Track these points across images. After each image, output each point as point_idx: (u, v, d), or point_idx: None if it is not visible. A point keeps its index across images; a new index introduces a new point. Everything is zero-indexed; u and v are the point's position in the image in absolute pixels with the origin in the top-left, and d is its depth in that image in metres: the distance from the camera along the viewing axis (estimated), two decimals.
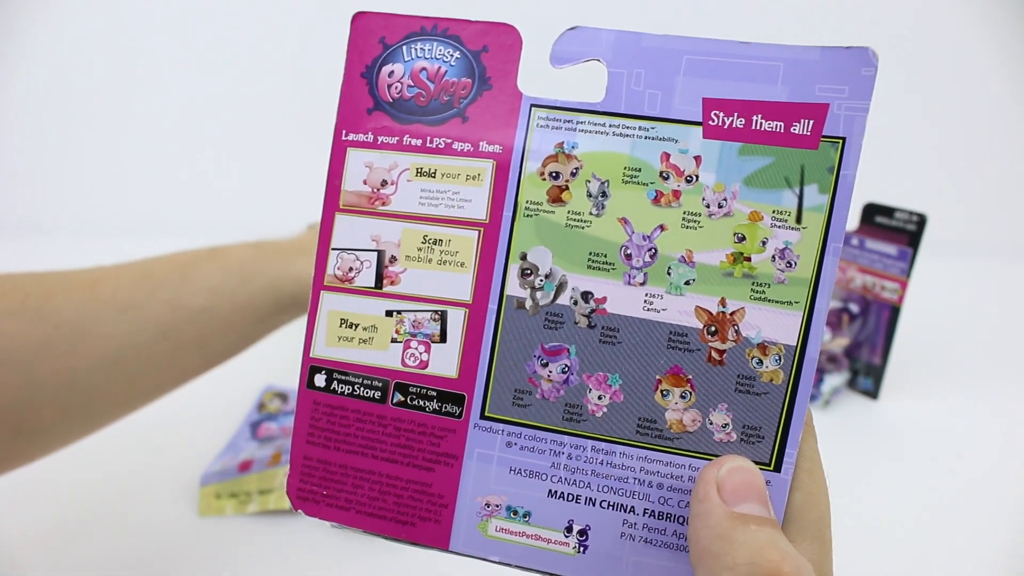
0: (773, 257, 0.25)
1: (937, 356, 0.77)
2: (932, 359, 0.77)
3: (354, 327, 0.27)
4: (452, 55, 0.27)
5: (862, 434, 0.67)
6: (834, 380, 0.71)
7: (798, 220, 0.25)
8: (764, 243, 0.26)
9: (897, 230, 0.66)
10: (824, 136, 0.25)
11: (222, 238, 0.82)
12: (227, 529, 0.51)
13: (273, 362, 0.61)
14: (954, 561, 0.51)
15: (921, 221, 0.64)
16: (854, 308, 0.71)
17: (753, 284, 0.26)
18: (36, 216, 1.03)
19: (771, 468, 0.25)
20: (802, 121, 0.25)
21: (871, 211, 0.67)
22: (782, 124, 0.25)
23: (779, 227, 0.25)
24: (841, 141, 0.25)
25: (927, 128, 1.03)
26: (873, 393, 0.71)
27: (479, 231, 0.27)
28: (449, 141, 0.27)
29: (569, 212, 0.26)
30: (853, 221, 0.69)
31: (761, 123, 0.26)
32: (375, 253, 0.27)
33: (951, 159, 1.04)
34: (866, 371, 0.71)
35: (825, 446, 0.57)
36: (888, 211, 0.66)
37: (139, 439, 0.55)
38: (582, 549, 0.27)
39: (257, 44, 1.01)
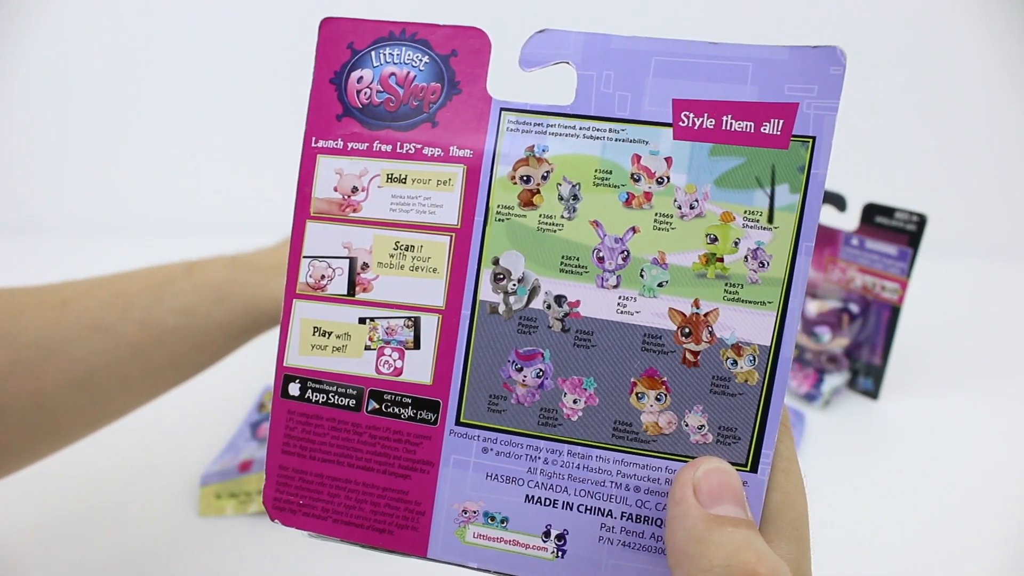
0: (746, 257, 0.26)
1: (937, 356, 0.77)
2: (932, 359, 0.77)
3: (327, 335, 0.27)
4: (421, 60, 0.27)
5: (862, 434, 0.67)
6: (834, 380, 0.70)
7: (770, 220, 0.26)
8: (736, 244, 0.26)
9: (897, 230, 0.66)
10: (794, 136, 0.26)
11: (220, 238, 0.82)
12: (227, 529, 0.52)
13: (273, 362, 0.60)
14: (955, 561, 0.51)
15: (921, 221, 0.64)
16: (854, 308, 0.71)
17: (726, 285, 0.25)
18: (36, 216, 1.03)
19: (747, 469, 0.25)
20: (772, 121, 0.26)
21: (871, 211, 0.67)
22: (752, 124, 0.26)
23: (751, 227, 0.25)
24: (811, 140, 0.26)
25: (927, 128, 1.03)
26: (873, 393, 0.71)
27: (451, 236, 0.27)
28: (419, 146, 0.27)
29: (541, 216, 0.26)
30: (853, 221, 0.69)
31: (731, 123, 0.26)
32: (347, 260, 0.27)
33: (951, 159, 1.04)
34: (866, 371, 0.71)
35: (825, 446, 0.57)
36: (888, 211, 0.66)
37: (139, 439, 0.55)
38: (560, 554, 0.26)
39: (258, 45, 1.02)
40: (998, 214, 1.06)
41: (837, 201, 0.71)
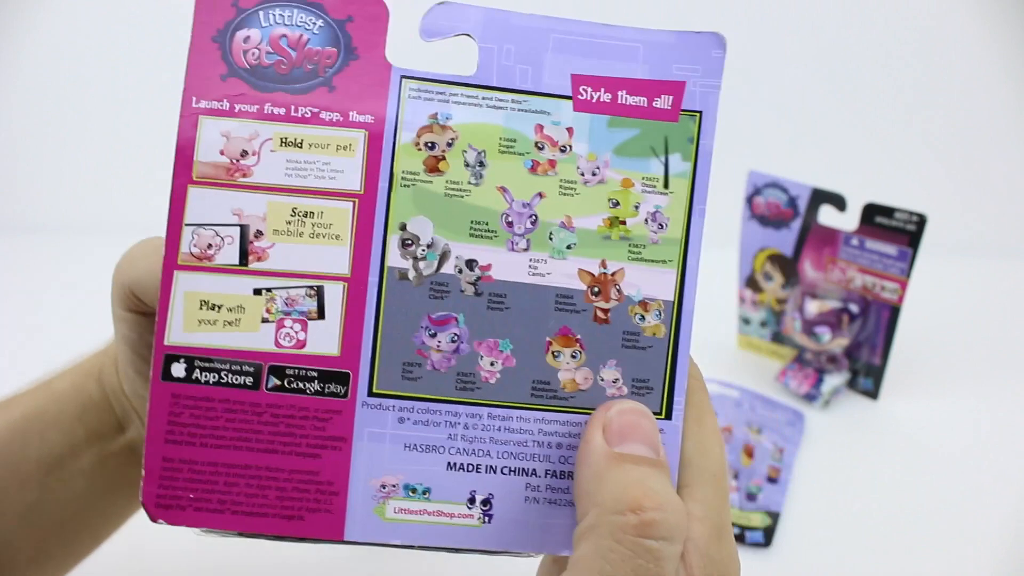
0: (646, 220, 0.33)
1: (937, 356, 0.90)
2: (932, 359, 0.89)
3: (217, 308, 0.30)
4: (315, 23, 0.27)
5: (862, 434, 0.75)
6: (834, 380, 0.75)
7: (665, 185, 0.32)
8: (637, 207, 0.34)
9: (897, 230, 0.73)
10: (683, 110, 0.31)
11: None
12: None
13: None
14: (955, 561, 0.59)
15: (921, 221, 0.72)
16: (854, 308, 0.76)
17: (630, 246, 0.28)
18: (36, 216, 1.04)
19: (663, 416, 0.28)
20: (663, 96, 0.31)
21: (871, 211, 0.73)
22: (645, 99, 0.31)
23: (649, 192, 0.30)
24: (699, 114, 0.31)
25: (928, 128, 1.11)
26: (873, 393, 0.74)
27: (354, 202, 0.28)
28: (316, 111, 0.28)
29: (447, 181, 0.27)
30: (853, 221, 0.70)
31: (626, 98, 0.31)
32: (237, 228, 0.30)
33: (951, 159, 1.11)
34: (866, 371, 0.74)
35: (825, 446, 0.64)
36: (888, 211, 0.74)
37: None
38: (487, 519, 0.27)
39: None
40: (998, 214, 1.17)
41: (837, 201, 0.70)
